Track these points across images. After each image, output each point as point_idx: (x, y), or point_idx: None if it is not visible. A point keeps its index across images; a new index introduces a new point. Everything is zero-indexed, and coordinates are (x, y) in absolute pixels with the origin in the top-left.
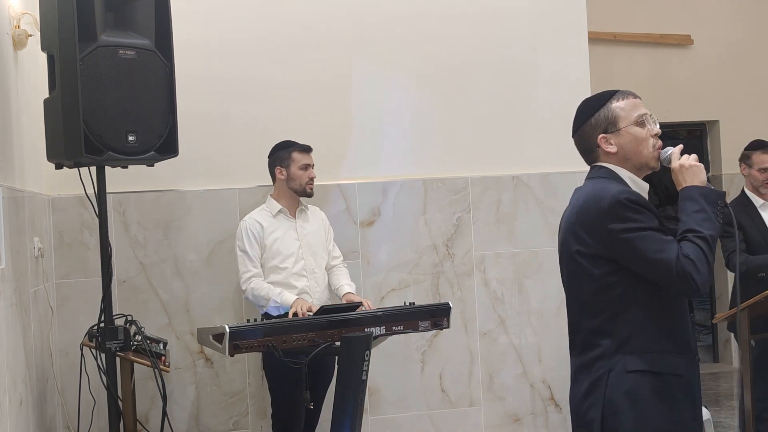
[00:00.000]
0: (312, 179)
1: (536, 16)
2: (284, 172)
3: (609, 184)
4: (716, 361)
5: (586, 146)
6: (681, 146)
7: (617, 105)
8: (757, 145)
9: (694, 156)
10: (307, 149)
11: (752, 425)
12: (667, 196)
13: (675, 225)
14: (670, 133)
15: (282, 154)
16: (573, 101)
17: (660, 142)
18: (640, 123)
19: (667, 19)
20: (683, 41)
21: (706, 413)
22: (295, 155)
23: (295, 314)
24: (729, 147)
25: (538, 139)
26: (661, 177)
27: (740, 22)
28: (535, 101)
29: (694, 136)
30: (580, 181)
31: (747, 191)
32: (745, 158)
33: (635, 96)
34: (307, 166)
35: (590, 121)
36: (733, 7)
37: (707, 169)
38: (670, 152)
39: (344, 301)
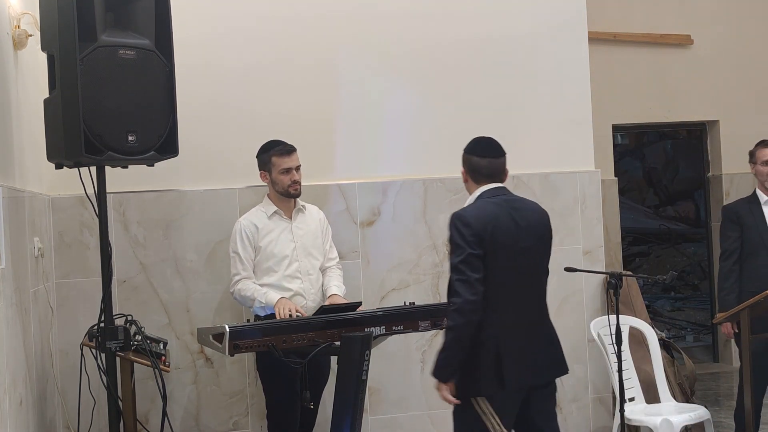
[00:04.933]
0: (295, 182)
1: (536, 16)
2: (267, 176)
3: None
4: (716, 361)
5: None
6: None
7: None
8: (759, 143)
9: None
10: (286, 151)
11: (752, 425)
12: (668, 196)
13: (675, 225)
14: (670, 133)
15: (264, 158)
16: (573, 101)
17: None
18: None
19: (667, 19)
20: (683, 41)
21: (705, 413)
22: (275, 159)
23: (290, 315)
24: (729, 147)
25: (538, 139)
26: (660, 177)
27: (740, 22)
28: (535, 101)
29: (694, 136)
30: (580, 181)
31: (757, 190)
32: (750, 156)
33: None
34: (288, 170)
35: None
36: (733, 7)
37: (707, 169)
38: None
39: (328, 302)
